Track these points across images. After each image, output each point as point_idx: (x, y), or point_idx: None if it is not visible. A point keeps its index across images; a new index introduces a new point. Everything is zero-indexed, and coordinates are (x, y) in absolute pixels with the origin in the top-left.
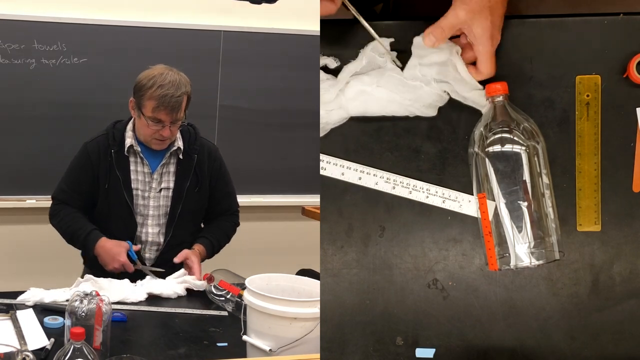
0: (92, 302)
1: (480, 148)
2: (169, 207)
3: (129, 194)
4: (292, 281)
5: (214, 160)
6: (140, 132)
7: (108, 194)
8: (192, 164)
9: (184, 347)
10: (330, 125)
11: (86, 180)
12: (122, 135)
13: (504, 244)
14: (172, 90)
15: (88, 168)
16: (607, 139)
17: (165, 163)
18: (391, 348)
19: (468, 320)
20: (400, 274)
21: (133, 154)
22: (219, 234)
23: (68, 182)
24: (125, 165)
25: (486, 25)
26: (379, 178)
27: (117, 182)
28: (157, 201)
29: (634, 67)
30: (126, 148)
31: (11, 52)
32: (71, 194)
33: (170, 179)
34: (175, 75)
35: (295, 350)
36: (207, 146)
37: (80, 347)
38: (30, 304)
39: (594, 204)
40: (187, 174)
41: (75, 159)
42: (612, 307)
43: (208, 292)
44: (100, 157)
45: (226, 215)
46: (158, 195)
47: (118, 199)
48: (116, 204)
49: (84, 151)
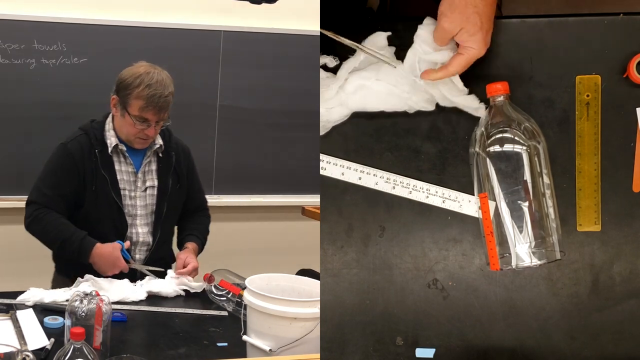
0: (92, 302)
1: (481, 148)
2: (155, 205)
3: (117, 194)
4: (292, 281)
5: (188, 158)
6: (123, 131)
7: (96, 196)
8: (172, 161)
9: (184, 347)
10: (331, 124)
11: (70, 182)
12: (102, 134)
13: (505, 243)
14: (160, 89)
15: (72, 169)
16: (607, 139)
17: (148, 161)
18: (391, 348)
19: (468, 320)
20: (400, 274)
21: (116, 153)
22: (202, 229)
23: (49, 185)
24: (111, 165)
25: (475, 31)
26: (379, 178)
27: (105, 182)
28: (144, 200)
29: (634, 67)
30: (111, 147)
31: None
32: (54, 197)
33: (154, 177)
34: (161, 74)
35: (295, 350)
36: (181, 144)
37: (80, 347)
38: (30, 304)
39: (594, 204)
40: (168, 172)
41: (55, 160)
42: (612, 307)
43: (208, 292)
44: (84, 158)
45: (200, 210)
46: (144, 194)
47: (107, 200)
48: (105, 205)
49: (64, 152)
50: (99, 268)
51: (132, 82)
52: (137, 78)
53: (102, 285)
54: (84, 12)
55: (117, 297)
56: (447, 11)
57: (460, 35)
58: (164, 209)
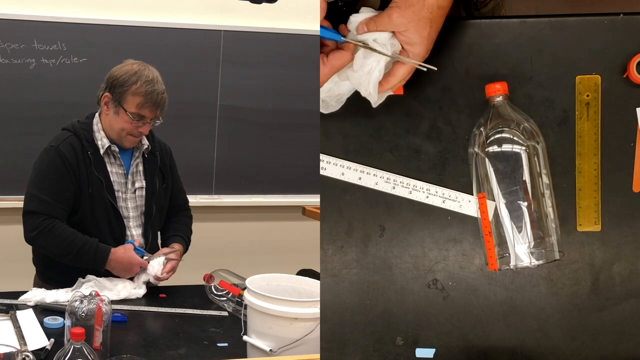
0: (92, 302)
1: (480, 148)
2: (144, 206)
3: (112, 196)
4: (293, 281)
5: (171, 158)
6: (114, 129)
7: (92, 199)
8: (157, 161)
9: (184, 347)
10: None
11: (68, 186)
12: (92, 135)
13: (504, 244)
14: (157, 86)
15: (67, 173)
16: (607, 139)
17: (136, 162)
18: (391, 348)
19: (468, 320)
20: (400, 274)
21: (107, 155)
22: (186, 230)
23: (47, 191)
24: (104, 166)
25: (424, 35)
26: (379, 178)
27: (100, 185)
28: (134, 201)
29: (634, 67)
30: (104, 149)
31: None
32: (55, 204)
33: (141, 177)
34: (154, 72)
35: (296, 351)
36: (163, 144)
37: (80, 348)
38: (31, 304)
39: (594, 204)
40: (154, 172)
41: (48, 164)
42: (612, 307)
43: (208, 292)
44: (78, 160)
45: (182, 211)
46: (133, 195)
47: (103, 203)
48: (101, 209)
49: (57, 155)
50: (117, 272)
51: (129, 79)
52: (133, 75)
53: (104, 284)
54: (84, 12)
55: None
56: (403, 5)
57: (408, 33)
58: (153, 209)
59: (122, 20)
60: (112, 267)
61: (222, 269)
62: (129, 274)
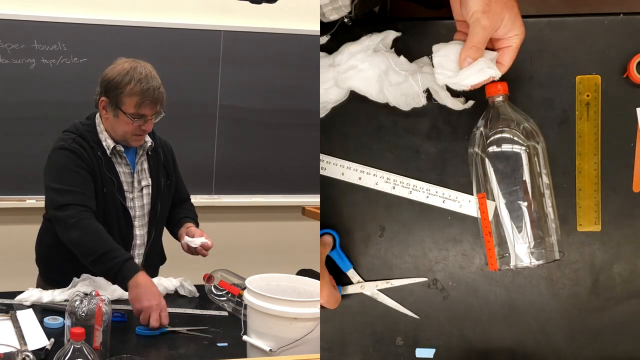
0: (92, 302)
1: (480, 148)
2: (150, 205)
3: (123, 196)
4: (293, 281)
5: (172, 154)
6: (117, 131)
7: (106, 200)
8: (160, 158)
9: (184, 347)
10: (330, 104)
11: (89, 182)
12: (97, 136)
13: (504, 244)
14: (152, 82)
15: (84, 171)
16: (607, 139)
17: (140, 161)
18: (391, 348)
19: (468, 320)
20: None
21: (113, 155)
22: (193, 214)
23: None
24: (112, 166)
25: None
26: (379, 178)
27: (112, 185)
28: (141, 200)
29: (634, 67)
30: (110, 149)
31: (11, 52)
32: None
33: (147, 175)
34: (147, 67)
35: (296, 351)
36: (164, 141)
37: (80, 347)
38: (28, 303)
39: (594, 204)
40: (158, 170)
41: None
42: (612, 307)
43: (208, 292)
44: (90, 160)
45: (186, 203)
46: (140, 194)
47: (115, 204)
48: (113, 209)
49: (71, 153)
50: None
51: (122, 80)
52: (125, 75)
53: (99, 284)
54: (84, 12)
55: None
56: (485, 7)
57: (503, 27)
58: (158, 207)
59: (122, 21)
60: (132, 288)
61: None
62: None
